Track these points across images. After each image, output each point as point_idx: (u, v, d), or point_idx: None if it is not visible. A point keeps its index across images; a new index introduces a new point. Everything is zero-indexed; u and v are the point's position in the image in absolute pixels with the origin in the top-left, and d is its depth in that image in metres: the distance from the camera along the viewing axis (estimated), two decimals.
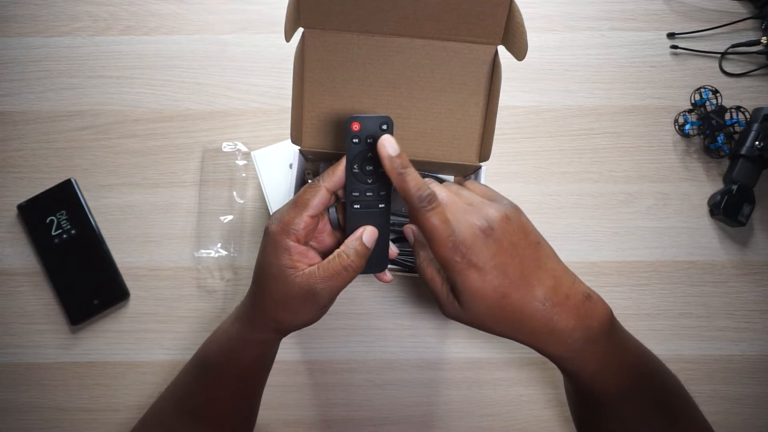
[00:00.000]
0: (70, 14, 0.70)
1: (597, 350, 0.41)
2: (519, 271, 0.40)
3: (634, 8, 0.71)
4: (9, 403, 0.63)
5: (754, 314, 0.65)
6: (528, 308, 0.40)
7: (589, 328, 0.40)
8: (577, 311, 0.40)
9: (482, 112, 0.51)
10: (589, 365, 0.41)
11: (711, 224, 0.67)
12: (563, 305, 0.40)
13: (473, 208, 0.42)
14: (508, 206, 0.42)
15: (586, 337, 0.40)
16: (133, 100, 0.69)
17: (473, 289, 0.40)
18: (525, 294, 0.40)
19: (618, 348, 0.42)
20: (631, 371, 0.43)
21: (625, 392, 0.42)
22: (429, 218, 0.40)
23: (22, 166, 0.67)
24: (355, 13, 0.47)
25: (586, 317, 0.40)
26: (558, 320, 0.40)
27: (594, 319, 0.41)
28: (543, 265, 0.41)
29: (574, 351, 0.41)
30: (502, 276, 0.40)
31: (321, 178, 0.45)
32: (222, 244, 0.65)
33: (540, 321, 0.40)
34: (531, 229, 0.42)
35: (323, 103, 0.51)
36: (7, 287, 0.65)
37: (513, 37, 0.46)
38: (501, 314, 0.40)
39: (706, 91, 0.67)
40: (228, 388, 0.49)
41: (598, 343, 0.41)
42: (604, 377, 0.42)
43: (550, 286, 0.40)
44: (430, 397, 0.64)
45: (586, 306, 0.41)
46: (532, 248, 0.41)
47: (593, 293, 0.42)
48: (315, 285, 0.42)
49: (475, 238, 0.40)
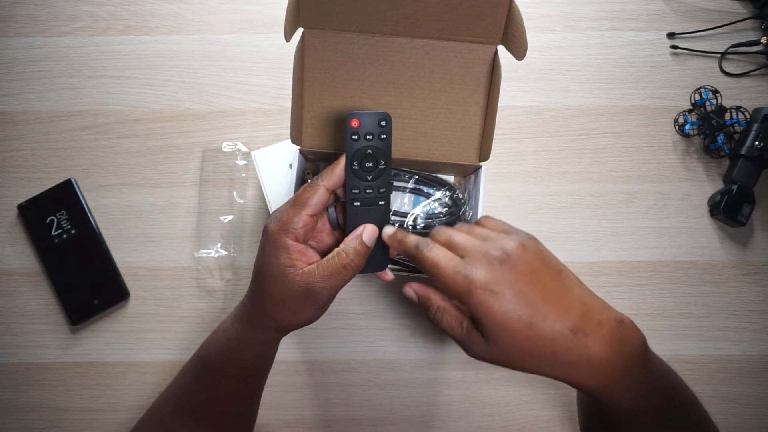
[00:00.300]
0: (70, 14, 0.70)
1: (634, 379, 0.39)
2: (541, 298, 0.38)
3: (634, 8, 0.71)
4: (9, 403, 0.63)
5: (754, 314, 0.65)
6: (559, 339, 0.37)
7: (626, 356, 0.38)
8: (612, 338, 0.38)
9: (482, 112, 0.52)
10: (625, 394, 0.39)
11: (711, 224, 0.67)
12: (596, 333, 0.37)
13: (488, 241, 0.40)
14: (524, 236, 0.41)
15: (623, 366, 0.38)
16: (133, 100, 0.69)
17: (496, 319, 0.37)
18: (553, 323, 0.37)
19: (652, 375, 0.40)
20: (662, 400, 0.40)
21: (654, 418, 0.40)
22: (427, 256, 0.40)
23: (22, 166, 0.67)
24: (355, 13, 0.47)
25: (621, 343, 0.38)
26: (593, 349, 0.37)
27: (629, 345, 0.38)
28: (568, 293, 0.39)
29: (612, 382, 0.38)
30: (525, 304, 0.37)
31: (320, 177, 0.45)
32: (222, 244, 0.65)
33: (574, 352, 0.37)
34: (550, 257, 0.41)
35: (323, 103, 0.51)
36: (7, 287, 0.65)
37: (513, 37, 0.46)
38: (530, 347, 0.38)
39: (706, 91, 0.67)
40: (228, 388, 0.49)
41: (634, 371, 0.39)
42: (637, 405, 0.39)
43: (580, 314, 0.38)
44: (430, 397, 0.64)
45: (620, 332, 0.38)
46: (553, 275, 0.39)
47: (625, 318, 0.39)
48: (314, 284, 0.42)
49: (490, 266, 0.38)
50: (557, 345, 0.37)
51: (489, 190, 0.66)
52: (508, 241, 0.40)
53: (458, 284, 0.38)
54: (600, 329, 0.38)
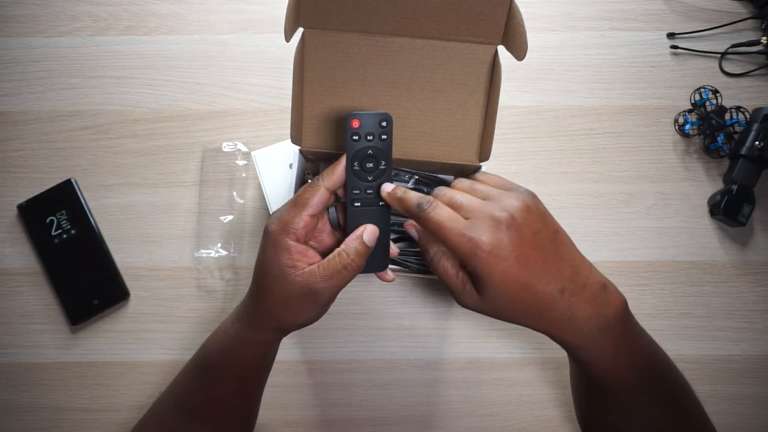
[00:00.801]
0: (70, 14, 0.70)
1: (610, 339, 0.41)
2: (541, 261, 0.40)
3: (634, 8, 0.71)
4: (9, 403, 0.63)
5: (754, 314, 0.65)
6: (548, 298, 0.40)
7: (605, 317, 0.41)
8: (594, 300, 0.40)
9: (482, 112, 0.52)
10: (602, 354, 0.42)
11: (711, 224, 0.67)
12: (581, 294, 0.40)
13: (491, 201, 0.41)
14: (526, 194, 0.42)
15: (601, 326, 0.41)
16: (133, 100, 0.69)
17: (496, 281, 0.39)
18: (546, 284, 0.40)
19: (630, 339, 0.43)
20: (642, 363, 0.43)
21: (634, 383, 0.43)
22: (432, 216, 0.41)
23: (22, 166, 0.67)
24: (355, 13, 0.47)
25: (602, 306, 0.41)
26: (576, 309, 0.40)
27: (609, 309, 0.41)
28: (562, 255, 0.41)
29: (589, 340, 0.41)
30: (525, 267, 0.39)
31: (320, 177, 0.45)
32: (222, 244, 0.65)
33: (559, 311, 0.40)
34: (549, 217, 0.42)
35: (323, 103, 0.51)
36: (7, 287, 0.65)
37: (513, 37, 0.46)
38: (521, 304, 0.40)
39: (706, 91, 0.67)
40: (228, 388, 0.49)
41: (612, 332, 0.41)
42: (616, 366, 0.42)
43: (569, 276, 0.40)
44: (430, 397, 0.64)
45: (602, 295, 0.41)
46: (551, 237, 0.41)
47: (609, 282, 0.42)
48: (315, 284, 0.42)
49: (496, 230, 0.39)
50: (545, 303, 0.40)
51: None
52: (513, 201, 0.41)
53: (464, 246, 0.39)
54: (584, 291, 0.40)
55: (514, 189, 0.43)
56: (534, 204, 0.41)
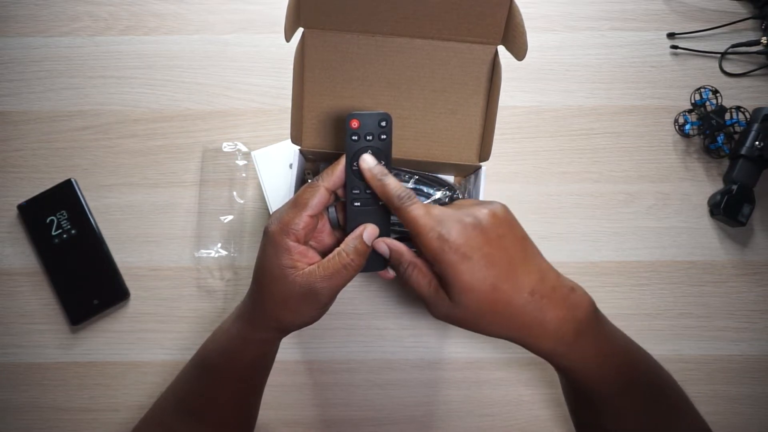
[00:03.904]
0: (70, 14, 0.70)
1: (586, 343, 0.42)
2: (506, 262, 0.41)
3: (634, 8, 0.71)
4: (9, 403, 0.63)
5: (754, 314, 0.65)
6: (517, 300, 0.40)
7: (577, 319, 0.41)
8: (564, 302, 0.41)
9: (482, 112, 0.52)
10: (580, 358, 0.42)
11: (711, 224, 0.67)
12: (551, 297, 0.41)
13: (461, 209, 0.43)
14: (495, 204, 0.43)
15: (575, 329, 0.41)
16: (133, 100, 0.69)
17: (463, 281, 0.40)
18: (513, 285, 0.40)
19: (605, 341, 0.43)
20: (621, 364, 0.43)
21: (616, 385, 0.43)
22: (410, 211, 0.42)
23: (22, 166, 0.67)
24: (355, 13, 0.47)
25: (572, 308, 0.41)
26: (547, 312, 0.41)
27: (580, 310, 0.42)
28: (529, 259, 0.42)
29: (565, 344, 0.41)
30: (491, 266, 0.40)
31: (320, 177, 0.45)
32: (222, 244, 0.65)
33: (530, 314, 0.41)
34: (517, 225, 0.44)
35: (323, 103, 0.51)
36: (7, 287, 0.65)
37: (513, 37, 0.46)
38: (491, 308, 0.41)
39: (706, 91, 0.67)
40: (229, 388, 0.49)
41: (586, 336, 0.42)
42: (595, 369, 0.42)
43: (537, 278, 0.41)
44: (430, 397, 0.64)
45: (571, 297, 0.42)
46: (518, 242, 0.42)
47: (576, 285, 0.43)
48: (315, 284, 0.43)
49: (463, 229, 0.41)
50: (515, 306, 0.40)
51: (489, 190, 0.66)
52: (481, 209, 0.42)
53: (433, 243, 0.40)
54: (554, 293, 0.41)
55: (484, 203, 0.44)
56: (502, 212, 0.43)
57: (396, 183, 0.44)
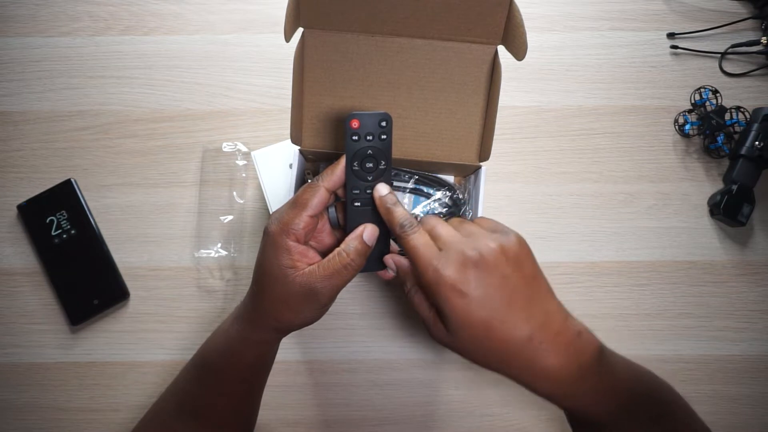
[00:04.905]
0: (70, 14, 0.70)
1: (587, 384, 0.40)
2: (506, 302, 0.39)
3: (634, 8, 0.71)
4: (9, 403, 0.63)
5: (754, 314, 0.65)
6: (513, 345, 0.39)
7: (580, 365, 0.39)
8: (567, 349, 0.39)
9: (482, 112, 0.52)
10: (581, 399, 0.41)
11: (711, 224, 0.67)
12: (553, 342, 0.39)
13: (470, 238, 0.41)
14: (507, 237, 0.41)
15: (577, 375, 0.39)
16: (133, 100, 0.68)
17: (458, 317, 0.39)
18: (512, 326, 0.39)
19: (607, 378, 0.41)
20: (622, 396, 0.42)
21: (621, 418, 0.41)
22: (409, 240, 0.41)
23: (22, 166, 0.67)
24: (355, 13, 0.47)
25: (577, 354, 0.39)
26: (547, 357, 0.39)
27: (585, 355, 0.40)
28: (535, 302, 0.40)
29: (564, 387, 0.40)
30: (488, 307, 0.39)
31: (320, 177, 0.45)
32: (222, 244, 0.65)
33: (528, 358, 0.39)
34: (528, 263, 0.41)
35: (323, 103, 0.51)
36: (7, 287, 0.65)
37: (513, 37, 0.46)
38: (487, 346, 0.39)
39: (706, 91, 0.67)
40: (229, 388, 0.49)
41: (589, 378, 0.40)
42: (595, 406, 0.41)
43: (540, 323, 0.39)
44: (430, 397, 0.64)
45: (576, 343, 0.40)
46: (525, 282, 0.40)
47: (584, 329, 0.41)
48: (315, 284, 0.43)
49: (463, 265, 0.39)
50: (511, 349, 0.39)
51: (489, 190, 0.66)
52: (489, 243, 0.40)
53: (429, 276, 0.40)
54: (557, 339, 0.39)
55: (500, 231, 0.42)
56: (513, 248, 0.40)
57: (402, 212, 0.43)
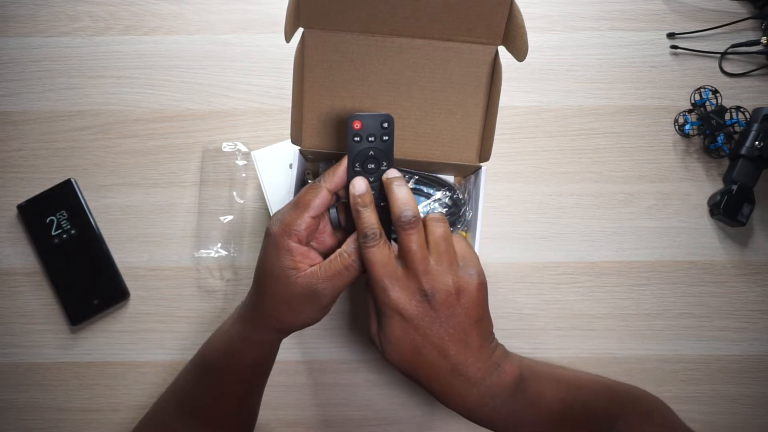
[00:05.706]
0: (70, 14, 0.70)
1: (505, 411, 0.43)
2: (442, 337, 0.41)
3: (634, 8, 0.71)
4: (9, 403, 0.63)
5: (754, 314, 0.65)
6: (436, 370, 0.42)
7: (493, 396, 0.42)
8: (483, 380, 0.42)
9: (482, 113, 0.51)
10: (498, 425, 0.44)
11: (711, 224, 0.67)
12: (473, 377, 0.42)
13: (432, 268, 0.42)
14: (469, 281, 0.42)
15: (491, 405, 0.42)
16: (133, 100, 0.68)
17: (392, 334, 0.42)
18: (438, 357, 0.41)
19: (530, 406, 0.44)
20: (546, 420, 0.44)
21: None
22: (366, 253, 0.42)
23: (22, 166, 0.67)
24: (355, 13, 0.47)
25: (493, 388, 0.42)
26: (464, 386, 0.42)
27: (499, 386, 0.42)
28: (470, 341, 0.42)
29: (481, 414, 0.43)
30: (423, 336, 0.41)
31: (322, 178, 0.45)
32: (222, 244, 0.65)
33: (447, 383, 0.42)
34: (477, 309, 0.43)
35: (323, 103, 0.51)
36: (7, 287, 0.65)
37: (513, 37, 0.46)
38: (412, 365, 0.42)
39: (706, 91, 0.67)
40: (229, 389, 0.49)
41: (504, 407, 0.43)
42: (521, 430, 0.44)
43: (466, 358, 0.42)
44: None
45: (493, 375, 0.42)
46: (468, 323, 0.42)
47: (503, 362, 0.43)
48: (317, 285, 0.43)
49: (411, 296, 0.41)
50: (433, 374, 0.42)
51: (489, 190, 0.66)
52: (448, 281, 0.41)
53: (378, 293, 0.42)
54: (477, 373, 0.42)
55: (465, 267, 0.43)
56: (471, 291, 0.42)
57: (369, 220, 0.43)
